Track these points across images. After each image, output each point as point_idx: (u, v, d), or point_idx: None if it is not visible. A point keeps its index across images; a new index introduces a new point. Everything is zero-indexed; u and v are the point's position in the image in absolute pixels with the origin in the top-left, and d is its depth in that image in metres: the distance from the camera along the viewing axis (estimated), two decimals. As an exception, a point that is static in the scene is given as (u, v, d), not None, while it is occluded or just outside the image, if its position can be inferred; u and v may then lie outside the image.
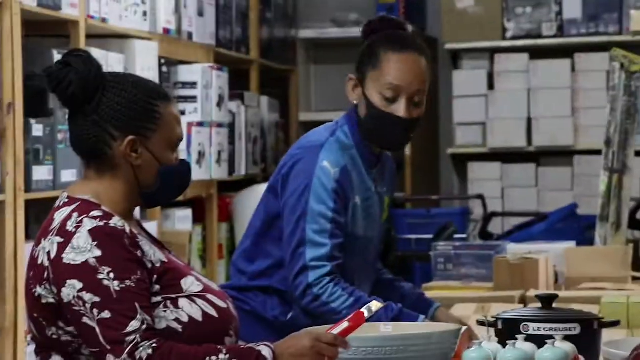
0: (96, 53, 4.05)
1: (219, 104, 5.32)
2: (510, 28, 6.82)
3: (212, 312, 2.29)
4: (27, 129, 3.63)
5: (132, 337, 2.16)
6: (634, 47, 5.72)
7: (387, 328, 2.42)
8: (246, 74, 6.13)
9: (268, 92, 6.43)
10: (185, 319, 2.25)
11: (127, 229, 2.25)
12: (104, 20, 4.16)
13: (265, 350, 2.21)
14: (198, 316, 2.27)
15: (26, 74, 3.66)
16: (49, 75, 2.30)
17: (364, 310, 2.26)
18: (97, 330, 2.17)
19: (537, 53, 6.81)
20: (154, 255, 2.28)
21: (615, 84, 5.20)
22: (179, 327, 2.24)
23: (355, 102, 2.94)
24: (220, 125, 5.35)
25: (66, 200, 2.29)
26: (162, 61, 4.70)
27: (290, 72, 6.83)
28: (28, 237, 3.68)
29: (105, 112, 2.28)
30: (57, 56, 3.74)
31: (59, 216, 2.26)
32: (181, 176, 2.36)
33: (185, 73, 5.04)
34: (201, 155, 5.10)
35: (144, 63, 4.39)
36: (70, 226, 2.23)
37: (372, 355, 2.25)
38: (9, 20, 3.55)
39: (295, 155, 2.92)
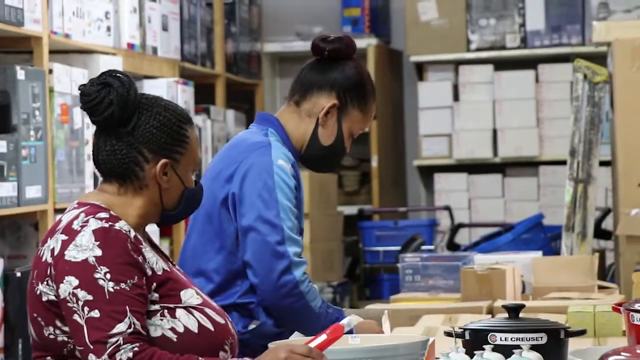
0: (59, 68, 4.03)
1: (184, 119, 5.31)
2: (474, 40, 6.85)
3: (209, 325, 2.31)
4: (-9, 145, 3.61)
5: (115, 339, 2.17)
6: (596, 58, 5.76)
7: (355, 340, 2.42)
8: (212, 88, 6.12)
9: (234, 105, 6.42)
10: (180, 329, 2.27)
11: (132, 234, 2.27)
12: (67, 35, 4.15)
13: None
14: (194, 327, 2.28)
15: (-11, 90, 3.64)
16: (86, 94, 2.31)
17: (342, 323, 2.26)
18: (85, 328, 2.18)
19: (501, 64, 6.85)
20: (157, 263, 2.31)
21: (579, 95, 5.23)
22: (173, 337, 2.26)
23: (321, 123, 2.96)
24: (186, 139, 5.34)
25: (75, 206, 2.32)
26: (127, 76, 4.69)
27: (256, 86, 6.83)
28: (-7, 254, 3.65)
29: (140, 134, 2.31)
30: (20, 72, 3.72)
31: (66, 217, 2.30)
32: (199, 197, 2.41)
33: (150, 88, 5.03)
34: (167, 170, 5.09)
35: (109, 78, 4.37)
36: (76, 225, 2.26)
37: (341, 367, 2.25)
38: (-29, 36, 3.53)
39: (244, 160, 2.89)
